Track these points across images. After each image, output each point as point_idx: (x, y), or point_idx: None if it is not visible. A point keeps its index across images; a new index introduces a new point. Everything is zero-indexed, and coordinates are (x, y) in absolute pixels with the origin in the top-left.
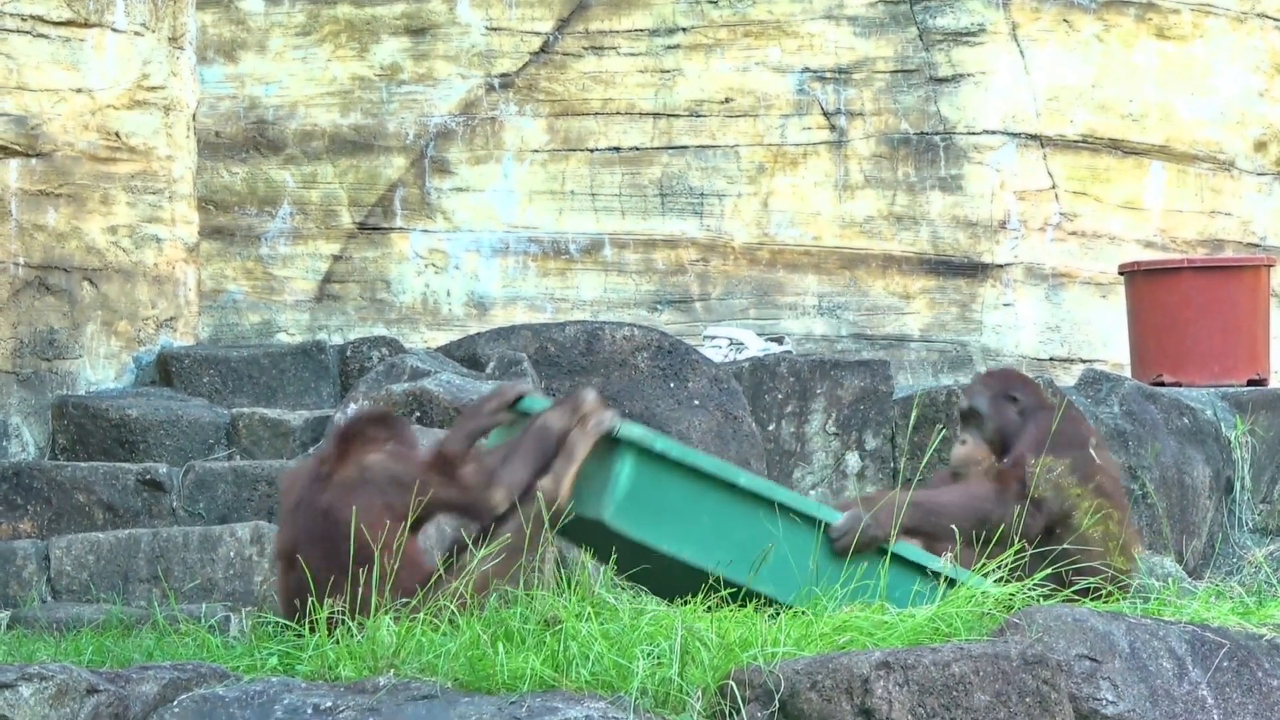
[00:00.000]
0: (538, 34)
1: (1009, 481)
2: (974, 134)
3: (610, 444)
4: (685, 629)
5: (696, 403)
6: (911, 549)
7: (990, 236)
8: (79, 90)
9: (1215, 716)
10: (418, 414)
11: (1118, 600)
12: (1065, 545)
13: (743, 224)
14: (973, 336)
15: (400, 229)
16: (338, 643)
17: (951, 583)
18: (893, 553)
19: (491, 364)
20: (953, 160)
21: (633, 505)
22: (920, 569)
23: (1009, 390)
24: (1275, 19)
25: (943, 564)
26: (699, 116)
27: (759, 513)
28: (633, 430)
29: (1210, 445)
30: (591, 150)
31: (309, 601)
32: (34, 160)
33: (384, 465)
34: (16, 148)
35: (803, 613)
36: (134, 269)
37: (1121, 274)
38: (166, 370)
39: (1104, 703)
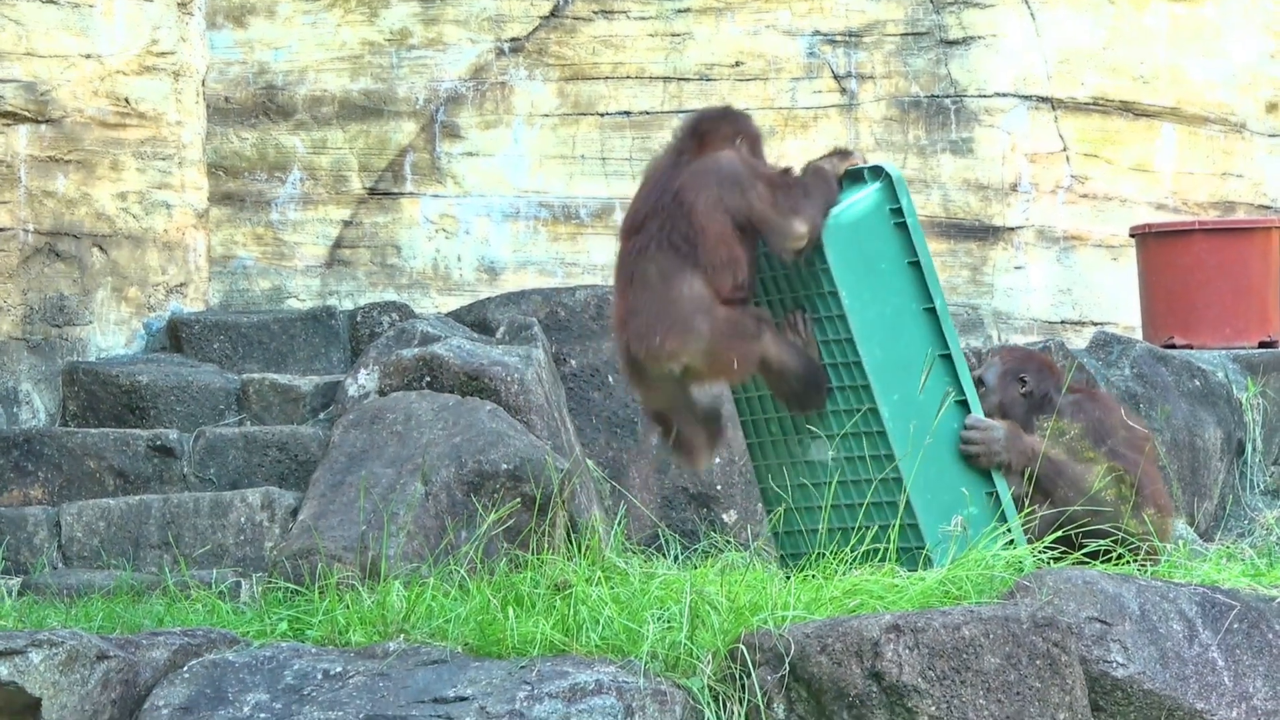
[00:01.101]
0: None
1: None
2: (985, 96)
3: (862, 184)
4: (695, 593)
5: None
6: (1008, 499)
7: (1001, 199)
8: (88, 56)
9: (1225, 678)
10: (428, 379)
11: (1129, 563)
12: (1076, 506)
13: None
14: (984, 299)
15: (410, 194)
16: (348, 607)
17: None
18: (992, 489)
19: (502, 329)
20: (963, 123)
21: (851, 234)
22: (998, 511)
23: (1021, 371)
24: None
25: (1019, 530)
26: (709, 80)
27: (929, 346)
28: (894, 170)
29: (1221, 407)
30: (602, 114)
31: (637, 268)
32: (43, 126)
33: (731, 163)
34: (26, 114)
35: (813, 576)
36: (144, 235)
37: (1133, 236)
38: (177, 336)
39: (1114, 665)
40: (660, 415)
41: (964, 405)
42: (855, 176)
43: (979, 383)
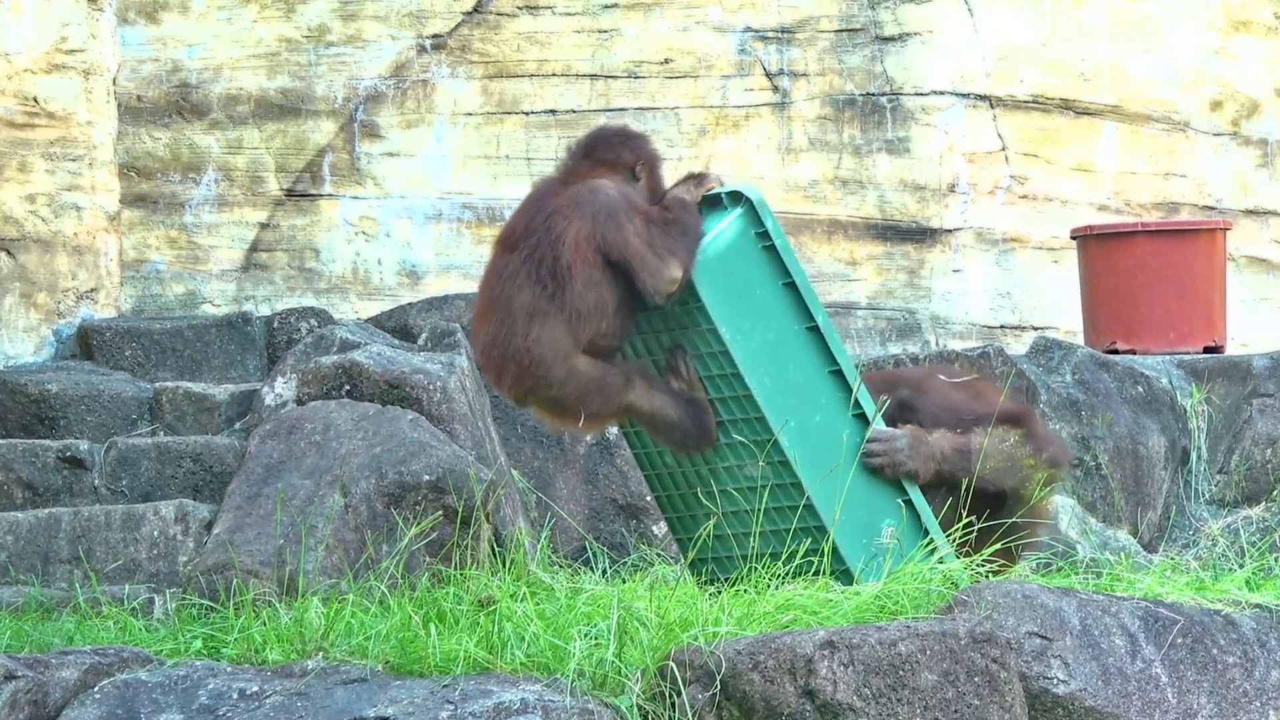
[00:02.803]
0: None
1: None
2: (921, 95)
3: (723, 211)
4: (623, 608)
5: None
6: (923, 505)
7: (939, 200)
8: None
9: (1169, 695)
10: (348, 388)
11: (1068, 574)
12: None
13: None
14: (921, 304)
15: (329, 196)
16: (264, 625)
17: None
18: (908, 499)
19: (424, 335)
20: (900, 122)
21: (720, 266)
22: (920, 528)
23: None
24: None
25: (940, 536)
26: (638, 78)
27: (818, 365)
28: (754, 192)
29: (1165, 415)
30: (527, 113)
31: (501, 292)
32: None
33: (609, 195)
34: None
35: (745, 591)
36: (53, 239)
37: (1074, 238)
38: (87, 343)
39: (1055, 681)
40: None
41: (863, 419)
42: (713, 201)
43: None
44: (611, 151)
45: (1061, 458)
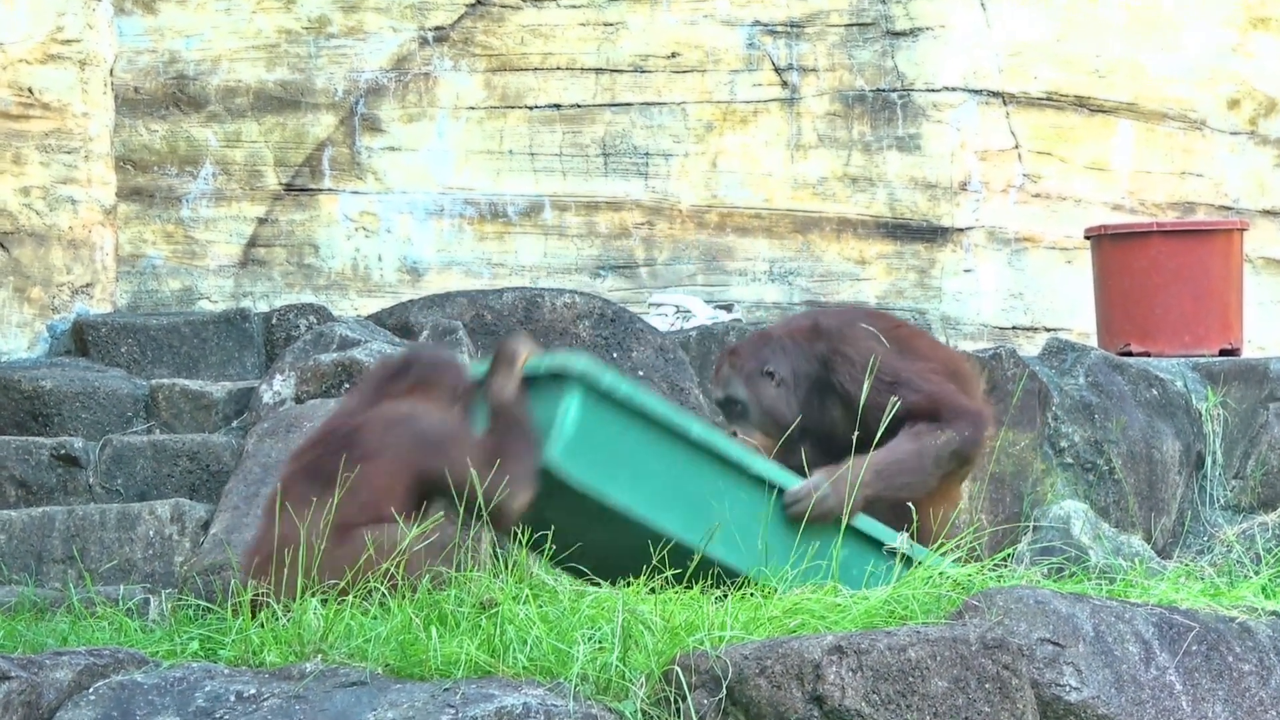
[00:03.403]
0: None
1: (930, 417)
2: (933, 91)
3: (558, 383)
4: (628, 612)
5: (641, 374)
6: (870, 523)
7: (950, 199)
8: None
9: (1183, 703)
10: (346, 385)
11: (1081, 580)
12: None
13: (690, 185)
14: (932, 304)
15: (329, 190)
16: (262, 626)
17: (909, 561)
18: (850, 527)
19: (425, 333)
20: (910, 119)
21: (581, 447)
22: (878, 544)
23: (762, 365)
24: None
25: (900, 540)
26: (644, 72)
27: (714, 469)
28: (579, 363)
29: (1180, 418)
30: (530, 108)
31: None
32: None
33: (428, 425)
34: None
35: (751, 594)
36: (48, 232)
37: (1088, 238)
38: (82, 339)
39: (1067, 689)
40: None
41: (773, 488)
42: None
43: (729, 402)
44: (432, 375)
45: (971, 444)
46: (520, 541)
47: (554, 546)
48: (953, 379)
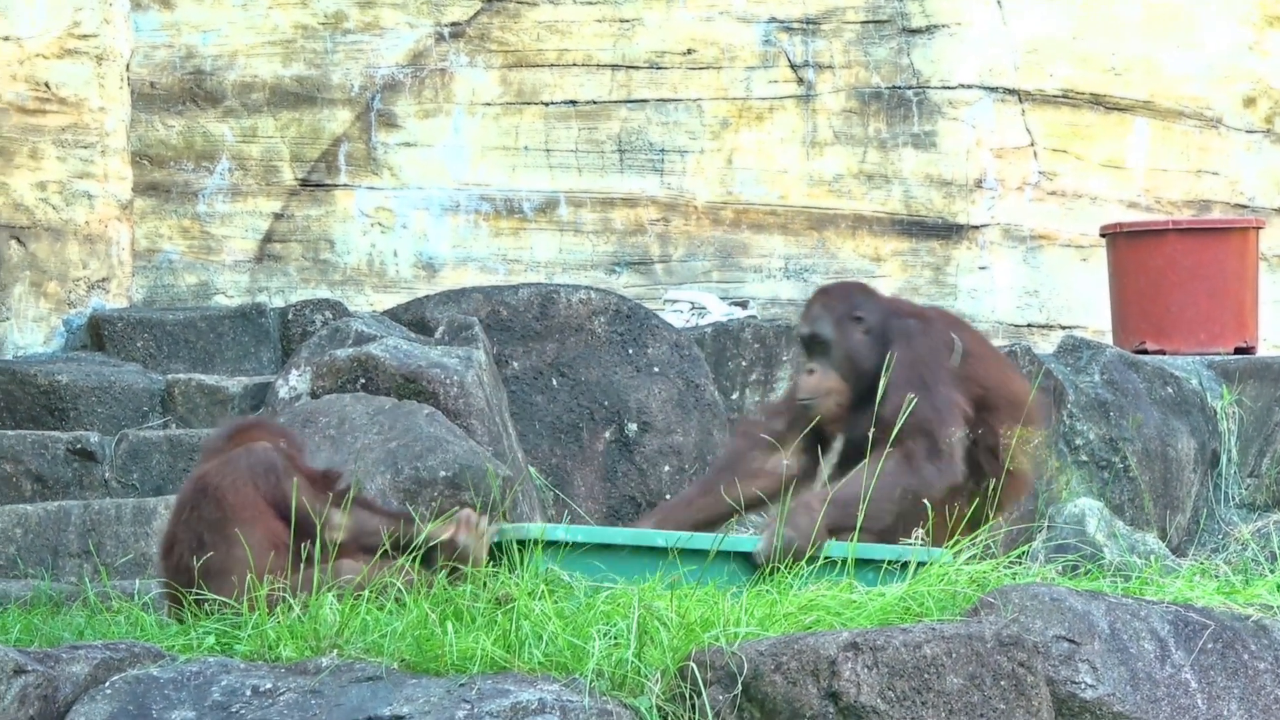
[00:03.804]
0: None
1: (912, 443)
2: (949, 88)
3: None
4: (643, 608)
5: (656, 370)
6: (849, 547)
7: (966, 196)
8: (6, 38)
9: (1199, 700)
10: (363, 381)
11: (1096, 578)
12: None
13: (705, 182)
14: (947, 301)
15: (345, 186)
16: (278, 621)
17: (906, 566)
18: (829, 558)
19: (441, 328)
20: (926, 116)
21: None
22: (868, 562)
23: (852, 310)
24: None
25: (895, 548)
26: (659, 68)
27: (666, 564)
28: (530, 530)
29: (1195, 416)
30: (546, 104)
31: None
32: None
33: (265, 453)
34: None
35: (767, 591)
36: (64, 227)
37: (1103, 236)
38: (98, 334)
39: (1082, 686)
40: None
41: (742, 558)
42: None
43: (814, 339)
44: (250, 433)
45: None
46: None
47: None
48: (984, 419)
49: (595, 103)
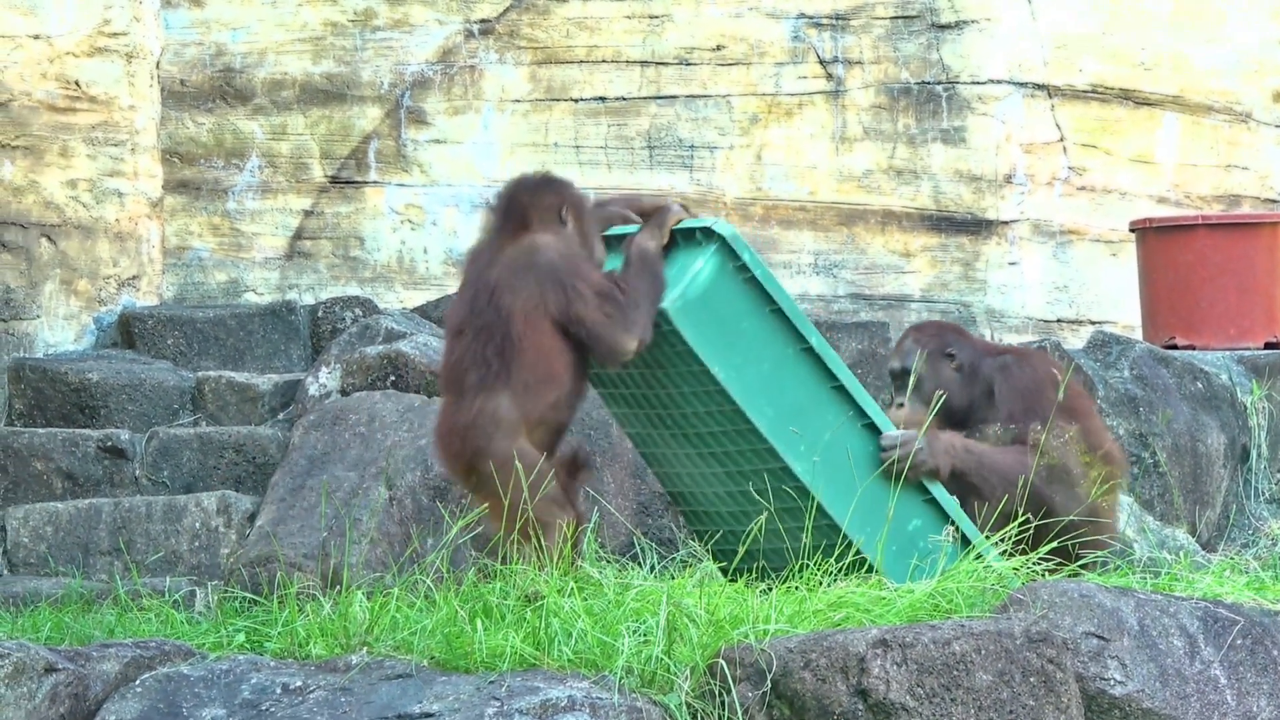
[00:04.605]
0: None
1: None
2: (978, 83)
3: (695, 245)
4: (672, 605)
5: None
6: (947, 498)
7: (995, 191)
8: (36, 37)
9: (1228, 696)
10: (393, 377)
11: (1125, 574)
12: (1073, 516)
13: (735, 178)
14: (976, 297)
15: (375, 183)
16: (308, 618)
17: (967, 543)
18: (930, 498)
19: None
20: (955, 111)
21: (702, 307)
22: (944, 517)
23: (945, 346)
24: None
25: (971, 526)
26: (689, 65)
27: (820, 385)
28: (725, 227)
29: (1225, 411)
30: (576, 100)
31: (451, 377)
32: None
33: (552, 257)
34: None
35: (796, 588)
36: (94, 225)
37: (1133, 231)
38: (129, 332)
39: (1112, 682)
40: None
41: (872, 429)
42: (688, 234)
43: (904, 373)
44: (537, 199)
45: (1110, 454)
46: (565, 532)
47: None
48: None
49: (625, 99)
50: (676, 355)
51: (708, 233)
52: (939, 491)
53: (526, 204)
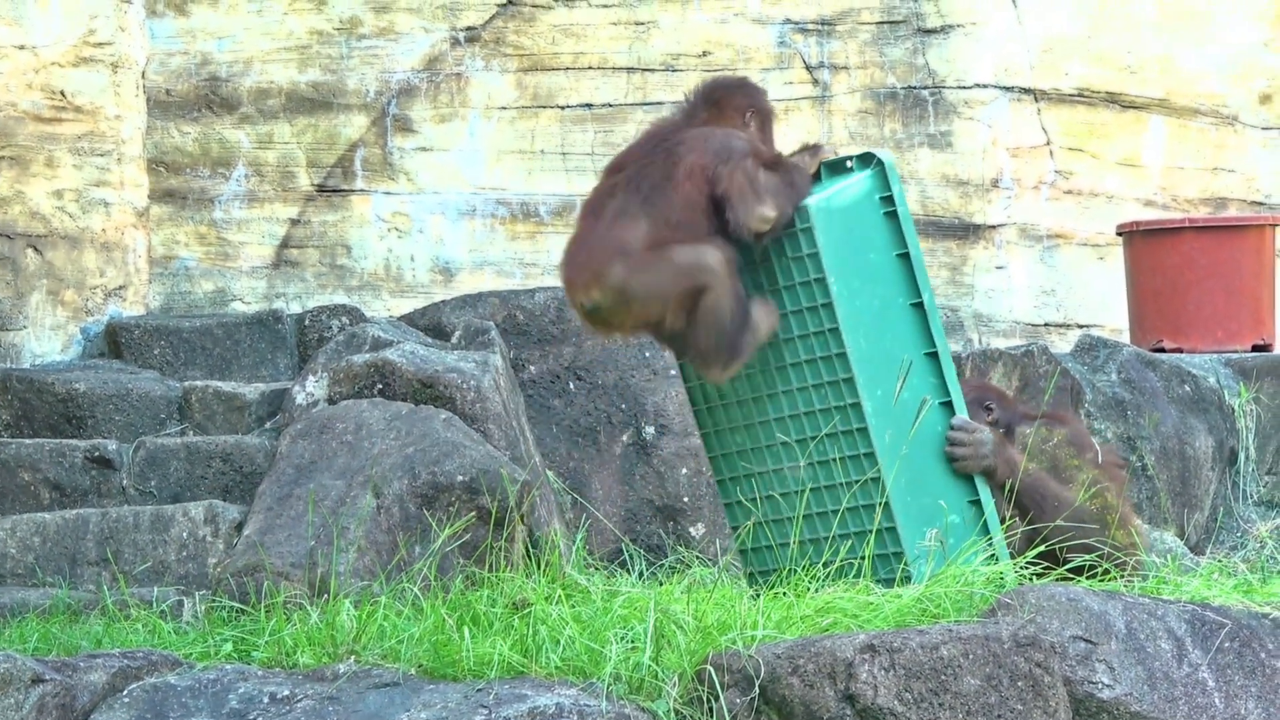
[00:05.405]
0: None
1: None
2: (964, 88)
3: (846, 174)
4: (660, 611)
5: (673, 372)
6: (991, 504)
7: (982, 196)
8: (21, 47)
9: (1216, 700)
10: (380, 386)
11: (1115, 578)
12: (1059, 521)
13: None
14: (964, 301)
15: (361, 191)
16: (295, 627)
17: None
18: (976, 495)
19: (457, 333)
20: (942, 116)
21: (842, 219)
22: (980, 521)
23: (984, 399)
24: None
25: (1001, 541)
26: (675, 71)
27: (916, 342)
28: (886, 155)
29: (1213, 414)
30: (562, 107)
31: (595, 201)
32: None
33: (734, 136)
34: None
35: (783, 594)
36: (81, 235)
37: (1120, 234)
38: (116, 341)
39: (1099, 686)
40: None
41: (948, 407)
42: (836, 168)
43: None
44: (729, 96)
45: (1107, 458)
46: (553, 542)
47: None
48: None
49: (611, 105)
50: (797, 263)
51: (865, 159)
52: (985, 494)
53: (720, 99)
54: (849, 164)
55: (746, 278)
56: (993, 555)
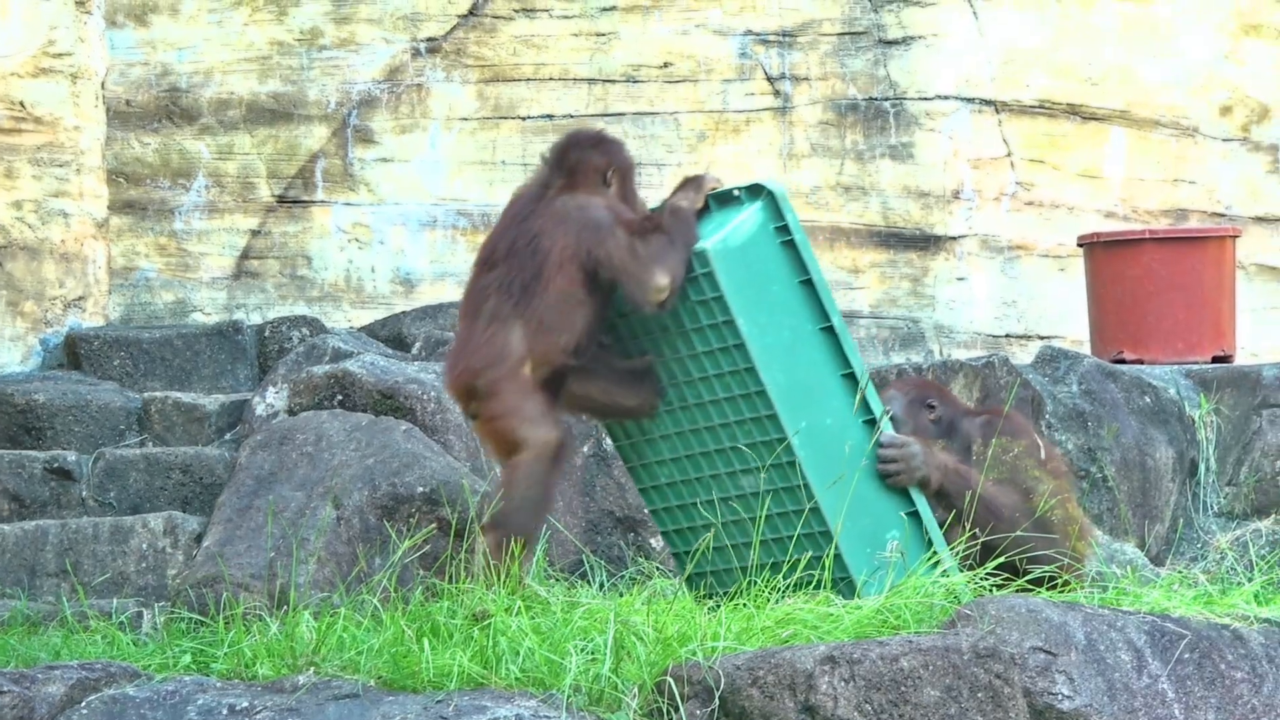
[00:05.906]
0: None
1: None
2: (926, 99)
3: (737, 206)
4: (620, 623)
5: None
6: (929, 513)
7: (943, 207)
8: None
9: (1176, 711)
10: (340, 397)
11: (1075, 588)
12: (1020, 531)
13: None
14: (925, 312)
15: (322, 202)
16: (255, 639)
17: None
18: (913, 510)
19: (418, 344)
20: (903, 127)
21: (740, 257)
22: (923, 540)
23: (926, 397)
24: None
25: (944, 548)
26: (636, 82)
27: (830, 367)
28: (775, 186)
29: (1173, 425)
30: (524, 118)
31: (471, 306)
32: None
33: (596, 209)
34: None
35: (744, 605)
36: (40, 246)
37: (1080, 246)
38: (75, 353)
39: (1059, 697)
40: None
41: (872, 424)
42: (724, 199)
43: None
44: (586, 158)
45: (1064, 468)
46: (513, 550)
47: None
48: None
49: (572, 116)
50: (702, 306)
51: (754, 191)
52: (922, 505)
53: (574, 164)
54: (736, 193)
55: (652, 323)
56: (938, 563)
